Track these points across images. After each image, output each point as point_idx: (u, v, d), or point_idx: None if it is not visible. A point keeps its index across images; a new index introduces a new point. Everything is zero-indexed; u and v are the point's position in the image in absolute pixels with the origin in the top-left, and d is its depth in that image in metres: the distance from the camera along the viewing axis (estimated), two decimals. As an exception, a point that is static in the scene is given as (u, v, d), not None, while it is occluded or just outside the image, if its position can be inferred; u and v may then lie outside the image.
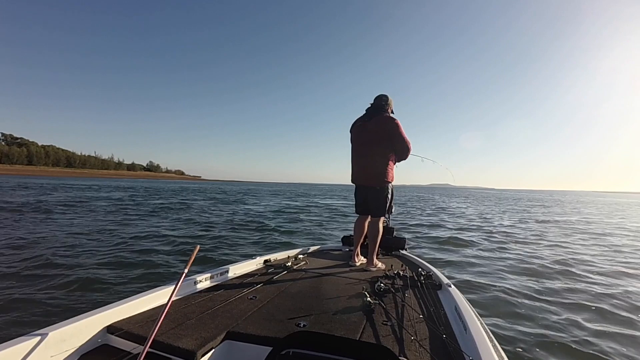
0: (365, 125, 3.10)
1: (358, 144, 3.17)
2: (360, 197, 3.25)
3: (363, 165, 3.14)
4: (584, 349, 2.91)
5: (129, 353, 1.42)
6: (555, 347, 2.93)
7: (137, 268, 4.86)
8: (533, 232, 10.63)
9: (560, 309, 3.78)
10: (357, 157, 3.18)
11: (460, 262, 6.07)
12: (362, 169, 3.15)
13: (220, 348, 1.49)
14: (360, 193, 3.24)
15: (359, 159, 3.16)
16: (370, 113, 3.12)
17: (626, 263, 6.41)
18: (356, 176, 3.21)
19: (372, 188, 3.11)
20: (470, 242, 8.23)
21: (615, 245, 8.47)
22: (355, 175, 3.22)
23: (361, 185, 3.22)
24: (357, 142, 3.17)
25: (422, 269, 2.74)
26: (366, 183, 3.16)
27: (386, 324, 1.69)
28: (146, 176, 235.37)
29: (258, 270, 2.73)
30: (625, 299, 4.19)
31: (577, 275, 5.30)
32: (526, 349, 2.89)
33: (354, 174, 3.23)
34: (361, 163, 3.15)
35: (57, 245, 6.12)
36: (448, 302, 2.05)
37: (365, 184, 3.17)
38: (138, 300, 1.75)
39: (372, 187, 3.11)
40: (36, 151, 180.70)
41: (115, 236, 7.42)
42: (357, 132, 3.16)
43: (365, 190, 3.17)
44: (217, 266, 2.58)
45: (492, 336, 1.54)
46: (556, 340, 3.04)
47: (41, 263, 4.86)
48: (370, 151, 3.07)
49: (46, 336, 1.33)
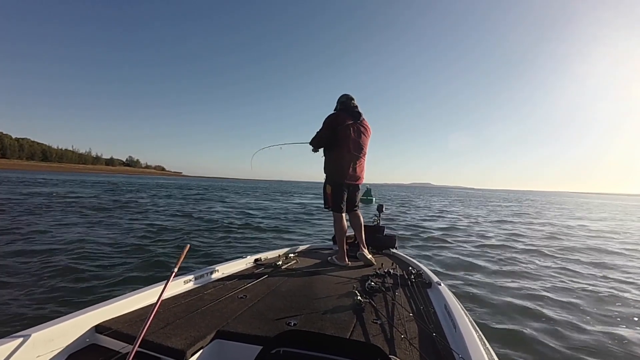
0: (359, 126, 3.15)
1: (355, 143, 3.14)
2: (342, 195, 3.17)
3: (358, 164, 3.18)
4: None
5: (118, 352, 1.38)
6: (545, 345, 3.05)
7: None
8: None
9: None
10: (352, 157, 3.14)
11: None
12: (357, 168, 3.17)
13: (210, 347, 1.47)
14: (343, 191, 3.18)
15: (354, 159, 3.15)
16: (358, 113, 3.18)
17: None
18: (350, 175, 3.15)
19: (358, 185, 3.27)
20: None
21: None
22: (348, 174, 3.15)
23: (351, 183, 3.21)
24: (355, 142, 3.13)
25: (412, 268, 2.76)
26: (357, 182, 3.23)
27: (376, 323, 1.70)
28: (125, 171, 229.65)
29: (248, 269, 2.70)
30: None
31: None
32: (517, 347, 2.97)
33: (345, 173, 3.13)
34: (356, 162, 3.16)
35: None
36: (438, 300, 2.07)
37: (356, 182, 3.23)
38: (127, 299, 1.71)
39: (358, 185, 3.27)
40: (9, 144, 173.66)
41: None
42: (355, 132, 3.14)
43: (352, 188, 3.24)
44: (206, 265, 2.55)
45: (481, 334, 1.57)
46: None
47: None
48: (363, 152, 3.18)
49: (33, 336, 1.29)
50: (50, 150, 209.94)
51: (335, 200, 3.17)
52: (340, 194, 3.16)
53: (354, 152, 3.14)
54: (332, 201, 3.18)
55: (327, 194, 3.22)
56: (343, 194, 3.18)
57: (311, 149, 3.31)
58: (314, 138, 3.23)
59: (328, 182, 3.21)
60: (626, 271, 6.00)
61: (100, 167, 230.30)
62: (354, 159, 3.15)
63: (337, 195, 3.16)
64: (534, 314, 3.71)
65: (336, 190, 3.16)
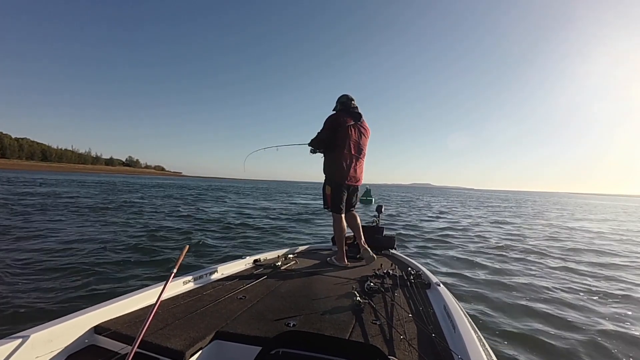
0: (359, 127, 3.16)
1: (356, 145, 3.15)
2: (342, 196, 3.17)
3: (358, 166, 3.19)
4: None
5: (117, 353, 1.38)
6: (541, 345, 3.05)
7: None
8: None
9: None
10: (352, 158, 3.14)
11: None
12: (357, 169, 3.18)
13: (209, 348, 1.47)
14: (343, 192, 3.17)
15: (354, 160, 3.15)
16: (359, 115, 3.19)
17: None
18: (351, 176, 3.15)
19: (357, 187, 3.29)
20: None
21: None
22: (349, 176, 3.13)
23: (351, 185, 3.21)
24: (355, 143, 3.14)
25: (411, 268, 2.76)
26: (357, 183, 3.24)
27: (375, 323, 1.70)
28: (124, 171, 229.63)
29: (247, 270, 2.70)
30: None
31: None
32: (516, 348, 2.97)
33: (346, 174, 3.12)
34: (356, 164, 3.17)
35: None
36: (437, 301, 2.07)
37: (356, 184, 3.24)
38: (126, 300, 1.71)
39: (357, 186, 3.28)
40: (9, 144, 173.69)
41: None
42: (355, 133, 3.14)
43: (351, 190, 3.24)
44: (206, 266, 2.54)
45: (480, 335, 1.57)
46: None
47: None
48: (362, 153, 3.20)
49: (32, 337, 1.29)
50: (50, 150, 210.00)
51: (334, 201, 3.16)
52: (339, 195, 3.15)
53: (354, 153, 3.14)
54: (332, 202, 3.17)
55: (327, 195, 3.20)
56: (343, 195, 3.17)
57: (309, 150, 3.29)
58: (314, 139, 3.21)
59: (328, 183, 3.19)
60: (627, 271, 6.00)
61: (100, 167, 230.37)
62: (354, 160, 3.15)
63: (336, 196, 3.15)
64: (534, 314, 3.71)
65: (336, 191, 3.15)
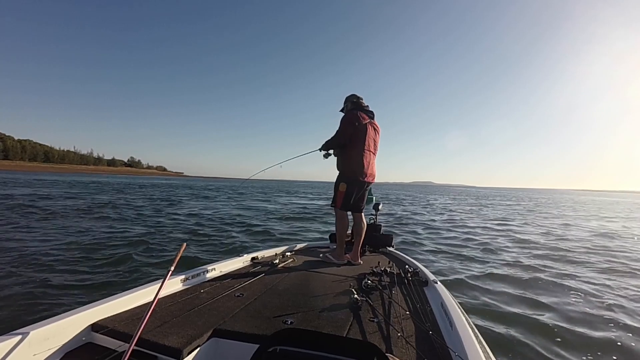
0: (374, 125, 3.20)
1: (372, 141, 3.17)
2: (355, 193, 3.14)
3: (372, 162, 3.19)
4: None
5: (114, 351, 1.39)
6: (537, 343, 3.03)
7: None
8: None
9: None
10: (368, 154, 3.13)
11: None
12: (372, 166, 3.18)
13: (206, 346, 1.48)
14: (357, 189, 3.14)
15: (370, 156, 3.15)
16: (372, 112, 3.23)
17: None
18: (366, 173, 3.12)
19: (369, 184, 3.25)
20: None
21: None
22: (364, 172, 3.11)
23: (364, 181, 3.16)
24: (372, 139, 3.16)
25: (409, 266, 2.76)
26: (371, 180, 3.21)
27: (373, 321, 1.71)
28: (126, 172, 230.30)
29: (245, 267, 2.71)
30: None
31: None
32: (514, 345, 2.96)
33: (360, 170, 3.09)
34: (371, 160, 3.17)
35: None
36: (434, 298, 2.07)
37: (370, 180, 3.21)
38: (123, 298, 1.71)
39: (370, 184, 3.25)
40: (12, 145, 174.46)
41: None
42: (371, 130, 3.16)
43: (364, 187, 3.20)
44: (203, 264, 2.55)
45: (477, 332, 1.57)
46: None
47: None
48: (376, 150, 3.22)
49: (29, 334, 1.29)
50: (52, 152, 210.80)
51: (346, 198, 3.12)
52: (353, 191, 3.12)
53: (369, 149, 3.14)
54: (343, 199, 3.12)
55: (340, 192, 3.13)
56: (355, 192, 3.14)
57: (323, 155, 3.27)
58: (329, 141, 3.16)
59: (343, 180, 3.12)
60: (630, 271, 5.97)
61: (102, 168, 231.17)
62: (372, 157, 3.17)
63: (349, 193, 3.11)
64: (533, 313, 3.69)
65: (350, 187, 3.11)
